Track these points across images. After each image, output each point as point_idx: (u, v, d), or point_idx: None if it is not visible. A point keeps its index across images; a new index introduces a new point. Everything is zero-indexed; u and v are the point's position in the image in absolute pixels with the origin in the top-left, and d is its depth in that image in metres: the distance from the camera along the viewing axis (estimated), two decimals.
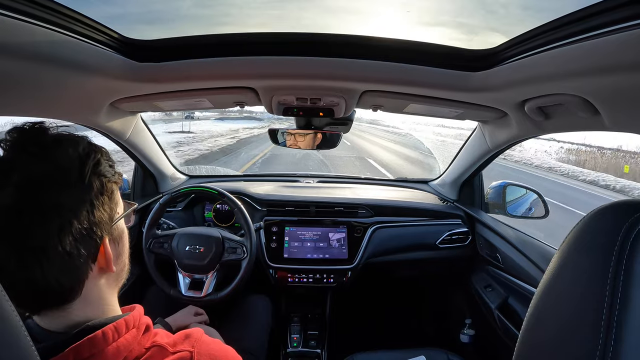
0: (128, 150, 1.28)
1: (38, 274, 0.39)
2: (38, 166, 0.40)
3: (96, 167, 0.44)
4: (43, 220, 0.39)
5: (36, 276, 0.39)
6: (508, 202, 1.39)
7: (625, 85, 0.53)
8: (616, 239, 0.37)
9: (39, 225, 0.39)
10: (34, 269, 0.39)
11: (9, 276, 0.38)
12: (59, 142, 0.43)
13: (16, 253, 0.39)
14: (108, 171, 0.46)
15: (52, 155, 0.42)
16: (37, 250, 0.39)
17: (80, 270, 0.43)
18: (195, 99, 0.96)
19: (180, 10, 0.87)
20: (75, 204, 0.41)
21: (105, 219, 0.45)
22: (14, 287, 0.38)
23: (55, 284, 0.40)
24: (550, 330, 0.42)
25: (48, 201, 0.40)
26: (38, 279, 0.39)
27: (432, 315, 1.85)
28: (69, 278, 0.42)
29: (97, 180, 0.44)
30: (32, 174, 0.40)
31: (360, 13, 0.83)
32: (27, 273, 0.39)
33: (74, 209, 0.41)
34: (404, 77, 0.79)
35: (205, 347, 0.47)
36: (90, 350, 0.40)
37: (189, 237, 1.20)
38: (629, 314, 0.35)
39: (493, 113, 0.96)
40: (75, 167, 0.42)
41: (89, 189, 0.43)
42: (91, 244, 0.43)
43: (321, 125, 1.19)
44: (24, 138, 0.42)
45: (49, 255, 0.39)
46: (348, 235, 1.43)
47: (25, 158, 0.41)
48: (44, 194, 0.40)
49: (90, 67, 0.67)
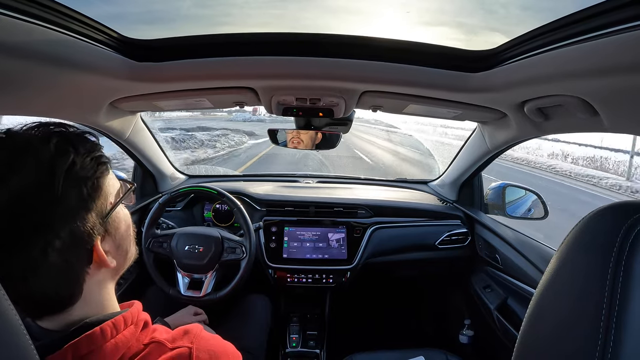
0: (127, 149, 1.28)
1: (36, 288, 0.39)
2: (3, 190, 0.37)
3: (69, 172, 0.40)
4: (24, 244, 0.38)
5: (34, 290, 0.39)
6: (507, 203, 1.40)
7: (624, 87, 0.53)
8: (615, 239, 0.37)
9: (21, 249, 0.38)
10: (28, 285, 0.39)
11: (14, 290, 0.37)
12: (18, 155, 0.39)
13: (7, 273, 0.38)
14: (87, 168, 0.42)
15: (15, 175, 0.37)
16: (26, 270, 0.39)
17: (76, 276, 0.42)
18: (195, 99, 0.96)
19: (180, 10, 0.87)
20: (55, 221, 0.39)
21: (93, 221, 0.42)
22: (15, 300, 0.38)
23: (54, 295, 0.41)
24: (549, 330, 0.42)
25: (24, 224, 0.38)
26: (36, 292, 0.40)
27: (431, 315, 1.85)
28: (67, 287, 0.42)
29: (73, 190, 0.40)
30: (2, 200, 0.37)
31: (360, 13, 0.83)
32: (24, 289, 0.39)
33: (54, 227, 0.39)
34: (403, 77, 0.79)
35: (204, 343, 0.47)
36: (88, 347, 0.40)
37: (188, 237, 1.20)
38: (628, 314, 0.35)
39: (492, 114, 0.96)
40: (44, 183, 0.38)
41: (65, 201, 0.39)
42: (81, 251, 0.42)
43: (321, 126, 1.19)
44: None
45: (40, 272, 0.39)
46: (347, 236, 1.43)
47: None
48: (19, 218, 0.38)
49: (89, 67, 0.67)
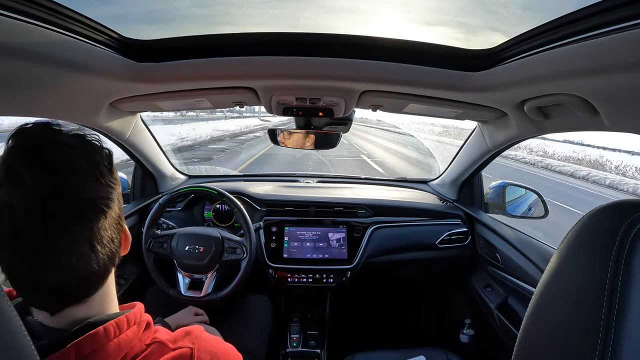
0: (128, 150, 1.28)
1: (93, 263, 0.41)
2: (72, 162, 0.40)
3: (112, 164, 0.45)
4: (87, 217, 0.40)
5: (90, 267, 0.41)
6: (507, 202, 1.40)
7: (624, 85, 0.53)
8: (615, 238, 0.37)
9: (86, 221, 0.40)
10: (88, 261, 0.41)
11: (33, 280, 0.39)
12: (80, 138, 0.43)
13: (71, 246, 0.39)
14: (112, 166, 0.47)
15: (79, 152, 0.42)
16: (86, 246, 0.40)
17: (115, 256, 0.45)
18: (194, 99, 0.96)
19: (179, 10, 0.87)
20: (109, 196, 0.43)
21: (120, 209, 0.47)
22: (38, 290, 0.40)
23: (103, 269, 0.43)
24: (549, 329, 0.42)
25: (85, 197, 0.40)
26: (91, 269, 0.41)
27: (431, 315, 1.85)
28: (101, 269, 0.43)
29: (115, 172, 0.46)
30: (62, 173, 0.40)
31: (360, 13, 0.83)
32: (82, 265, 0.40)
33: (110, 202, 0.43)
34: (403, 77, 0.79)
35: (205, 344, 0.47)
36: (91, 346, 0.40)
37: (188, 237, 1.20)
38: (628, 313, 0.35)
39: (492, 113, 0.96)
40: (103, 161, 0.43)
41: (115, 185, 0.45)
42: (120, 231, 0.46)
43: (321, 125, 1.19)
44: (42, 138, 0.41)
45: (95, 249, 0.41)
46: (348, 235, 1.43)
47: (59, 156, 0.40)
48: (80, 192, 0.40)
49: (89, 67, 0.67)
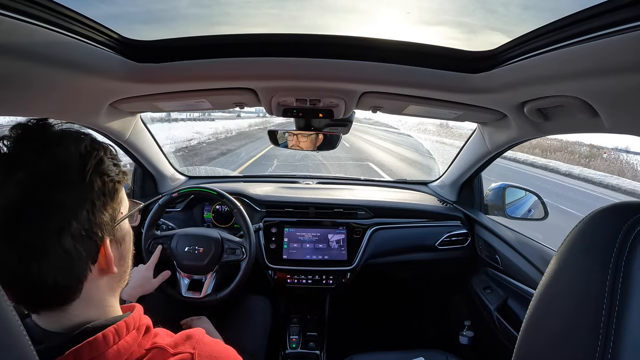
0: (127, 150, 1.28)
1: (35, 271, 0.39)
2: (39, 163, 0.40)
3: (98, 166, 0.43)
4: (43, 219, 0.39)
5: (33, 273, 0.39)
6: (507, 204, 1.39)
7: (625, 87, 0.53)
8: (615, 240, 0.37)
9: (39, 223, 0.39)
10: (31, 266, 0.39)
11: (9, 271, 0.38)
12: (60, 139, 0.42)
13: (15, 250, 0.38)
14: (111, 170, 0.45)
15: (53, 152, 0.41)
16: (35, 249, 0.39)
17: (79, 270, 0.42)
18: (194, 100, 0.96)
19: (178, 10, 0.87)
20: (76, 204, 0.41)
21: (106, 220, 0.44)
22: (14, 283, 0.39)
23: (51, 282, 0.40)
24: (549, 332, 0.42)
25: (48, 199, 0.39)
26: (35, 276, 0.39)
27: (431, 316, 1.85)
28: (66, 277, 0.41)
29: (98, 180, 0.43)
30: (33, 172, 0.39)
31: (360, 13, 0.83)
32: (25, 269, 0.39)
33: (74, 209, 0.40)
34: (403, 78, 0.79)
35: (206, 349, 0.47)
36: (90, 353, 0.40)
37: (188, 238, 1.20)
38: (628, 315, 0.35)
39: (492, 115, 0.95)
40: (76, 165, 0.41)
41: (89, 188, 0.42)
42: (91, 245, 0.43)
43: (321, 127, 1.19)
44: (27, 134, 0.42)
45: (48, 253, 0.39)
46: (347, 237, 1.43)
47: (27, 155, 0.40)
48: (45, 192, 0.39)
49: (89, 68, 0.67)
